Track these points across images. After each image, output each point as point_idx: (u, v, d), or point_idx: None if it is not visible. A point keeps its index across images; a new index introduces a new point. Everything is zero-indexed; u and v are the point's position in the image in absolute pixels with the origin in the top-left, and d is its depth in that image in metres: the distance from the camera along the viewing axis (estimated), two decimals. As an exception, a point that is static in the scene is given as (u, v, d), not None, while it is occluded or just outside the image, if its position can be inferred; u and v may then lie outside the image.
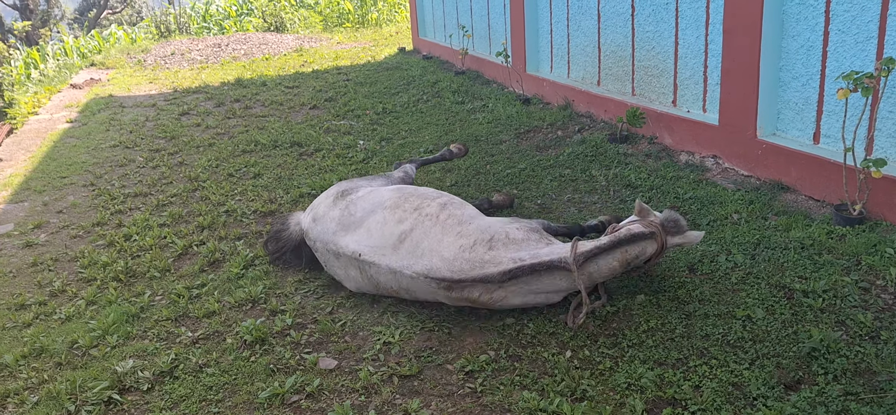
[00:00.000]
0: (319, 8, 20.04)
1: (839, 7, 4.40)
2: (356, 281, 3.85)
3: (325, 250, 3.98)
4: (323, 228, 4.02)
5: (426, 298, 3.66)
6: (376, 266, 3.67)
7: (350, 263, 3.81)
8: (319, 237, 4.02)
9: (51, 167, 7.08)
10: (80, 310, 4.03)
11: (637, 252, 3.47)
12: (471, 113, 7.86)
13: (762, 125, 5.00)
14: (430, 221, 3.66)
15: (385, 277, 3.66)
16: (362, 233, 3.81)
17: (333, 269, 3.97)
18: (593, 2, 7.09)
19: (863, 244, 3.87)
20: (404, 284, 3.61)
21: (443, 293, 3.52)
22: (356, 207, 3.97)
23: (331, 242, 3.92)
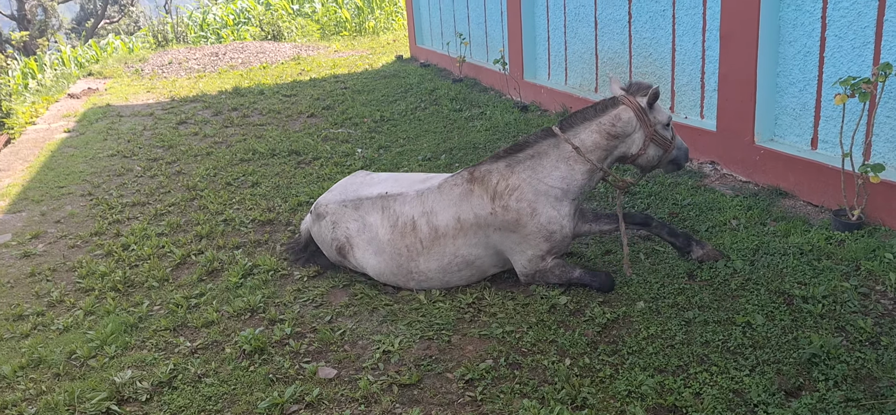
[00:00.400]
0: (317, 16, 20.08)
1: (835, 12, 4.41)
2: (371, 230, 4.02)
3: (338, 208, 4.15)
4: (340, 191, 4.28)
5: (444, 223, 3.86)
6: (403, 196, 3.99)
7: (373, 207, 4.05)
8: (334, 199, 4.22)
9: (48, 177, 7.06)
10: (78, 320, 4.01)
11: (611, 120, 3.72)
12: (468, 120, 7.86)
13: (760, 131, 5.01)
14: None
15: (411, 204, 3.94)
16: (389, 182, 4.20)
17: (345, 224, 4.10)
18: (590, 9, 7.10)
19: (862, 249, 3.87)
20: (429, 204, 3.90)
21: (466, 188, 3.85)
22: (378, 176, 4.40)
23: (350, 196, 4.16)
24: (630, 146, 3.78)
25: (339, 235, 4.13)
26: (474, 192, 3.82)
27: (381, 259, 4.01)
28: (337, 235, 4.14)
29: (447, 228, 3.85)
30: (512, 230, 3.77)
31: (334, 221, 4.16)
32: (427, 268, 3.91)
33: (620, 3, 6.59)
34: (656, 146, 3.80)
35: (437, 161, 6.45)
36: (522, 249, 3.81)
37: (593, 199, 5.20)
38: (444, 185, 3.93)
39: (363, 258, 4.08)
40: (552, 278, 3.84)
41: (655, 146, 3.79)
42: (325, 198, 4.32)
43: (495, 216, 3.77)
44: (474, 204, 3.81)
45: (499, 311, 3.70)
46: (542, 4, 8.02)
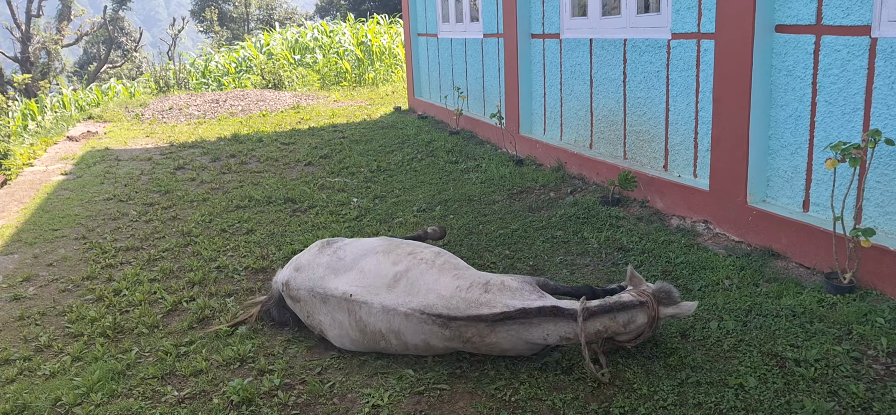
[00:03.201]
0: (317, 67, 20.37)
1: (826, 79, 4.50)
2: (342, 327, 3.82)
3: (309, 297, 3.95)
4: (309, 274, 4.02)
5: (414, 344, 3.66)
6: (368, 306, 3.71)
7: (339, 307, 3.81)
8: (303, 284, 4.00)
9: (43, 219, 7.06)
10: (65, 366, 3.97)
11: (625, 320, 3.47)
12: (464, 172, 7.92)
13: (752, 192, 5.06)
14: (426, 265, 3.80)
15: (376, 317, 3.68)
16: (354, 274, 3.88)
17: (318, 317, 3.93)
18: (586, 67, 7.23)
19: (853, 313, 3.87)
20: (396, 324, 3.63)
21: (437, 331, 3.57)
22: (345, 252, 4.10)
23: (318, 287, 3.92)
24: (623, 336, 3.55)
25: (313, 323, 4.01)
26: (447, 334, 3.58)
27: (359, 347, 3.89)
28: (312, 322, 4.02)
29: (416, 346, 3.70)
30: None
31: (307, 311, 4.01)
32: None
33: (616, 62, 6.72)
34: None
35: (432, 212, 6.48)
36: None
37: (586, 254, 5.21)
38: (412, 316, 3.60)
39: (340, 344, 3.92)
40: None
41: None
42: (296, 281, 4.06)
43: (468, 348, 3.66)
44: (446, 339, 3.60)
45: (490, 367, 3.68)
46: (539, 61, 8.17)
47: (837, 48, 4.42)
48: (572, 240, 5.53)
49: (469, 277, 3.68)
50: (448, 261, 3.87)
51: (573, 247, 5.38)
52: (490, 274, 3.76)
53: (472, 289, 3.59)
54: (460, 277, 3.69)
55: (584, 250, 5.29)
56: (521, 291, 3.59)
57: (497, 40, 9.24)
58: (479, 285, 3.60)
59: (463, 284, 3.63)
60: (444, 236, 5.50)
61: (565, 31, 7.56)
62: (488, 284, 3.61)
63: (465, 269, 3.82)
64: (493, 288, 3.58)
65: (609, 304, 3.48)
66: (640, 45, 6.32)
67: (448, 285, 3.64)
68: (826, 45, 4.49)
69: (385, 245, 4.06)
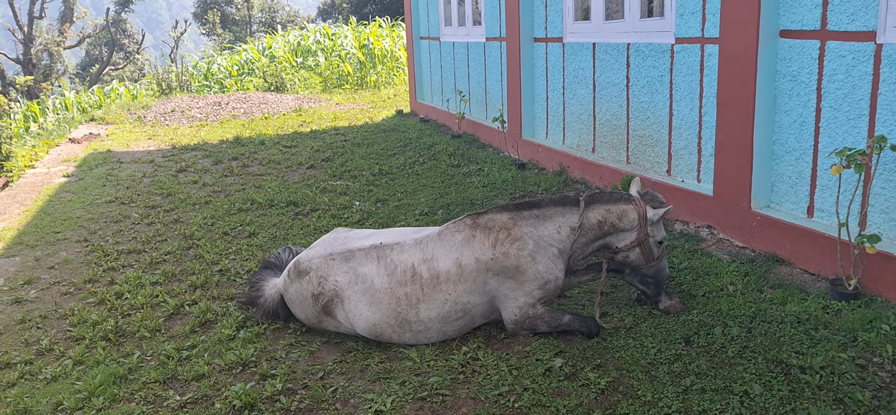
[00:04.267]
0: (320, 70, 20.37)
1: (831, 85, 4.49)
2: (365, 281, 3.98)
3: (324, 262, 4.08)
4: (324, 246, 4.21)
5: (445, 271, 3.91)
6: (401, 245, 4.02)
7: (366, 258, 4.02)
8: (318, 253, 4.14)
9: (45, 222, 7.05)
10: (66, 370, 3.95)
11: (619, 212, 3.96)
12: (466, 176, 7.91)
13: (756, 197, 5.04)
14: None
15: (409, 252, 3.98)
16: (381, 235, 4.19)
17: (334, 278, 4.03)
18: (589, 71, 7.22)
19: (859, 320, 3.85)
20: (429, 251, 3.96)
21: (467, 233, 3.96)
22: (357, 232, 4.38)
23: (339, 249, 4.11)
24: (620, 240, 4.04)
25: (326, 289, 4.03)
26: (476, 238, 3.95)
27: (377, 310, 3.94)
28: (324, 288, 4.03)
29: (448, 273, 3.91)
30: (510, 276, 3.92)
31: (321, 275, 4.06)
32: (427, 316, 3.91)
33: (619, 67, 6.71)
34: (641, 253, 4.03)
35: (433, 216, 6.46)
36: (516, 296, 3.94)
37: (590, 260, 5.19)
38: (444, 232, 4.02)
39: (355, 311, 3.96)
40: (541, 325, 3.96)
41: (639, 253, 4.03)
42: (307, 254, 4.22)
43: (496, 262, 3.90)
44: (476, 249, 3.92)
45: (493, 372, 3.66)
46: (542, 65, 8.16)
47: (842, 54, 4.40)
48: (575, 245, 5.50)
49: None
50: None
51: (576, 252, 5.35)
52: None
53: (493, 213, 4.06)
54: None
55: (587, 255, 5.27)
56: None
57: (499, 44, 9.24)
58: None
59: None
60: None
61: (568, 35, 7.55)
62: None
63: None
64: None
65: (605, 194, 4.01)
66: (644, 49, 6.31)
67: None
68: (831, 51, 4.48)
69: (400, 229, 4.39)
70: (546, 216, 3.97)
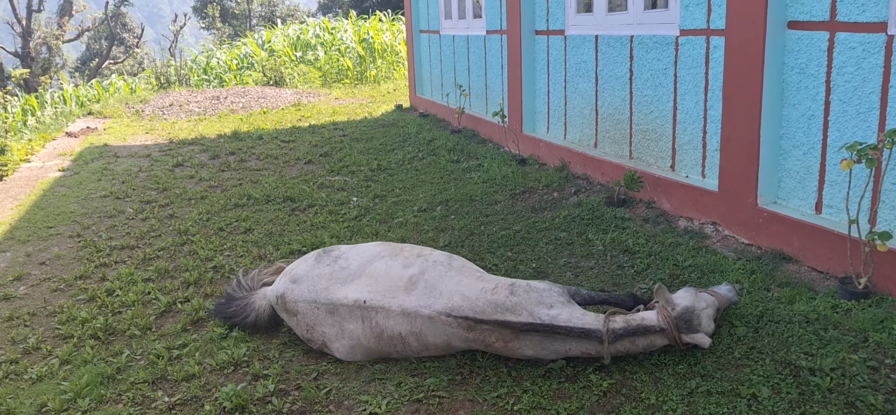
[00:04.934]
0: (319, 64, 20.23)
1: (840, 77, 4.36)
2: (352, 337, 3.66)
3: (311, 309, 3.75)
4: (309, 286, 3.79)
5: (434, 344, 3.60)
6: (386, 310, 3.59)
7: (350, 315, 3.65)
8: (303, 296, 3.78)
9: (38, 217, 6.93)
10: (53, 369, 3.84)
11: (646, 344, 3.49)
12: (466, 172, 7.78)
13: (763, 193, 4.92)
14: (442, 267, 3.73)
15: (395, 320, 3.58)
16: (364, 281, 3.73)
17: (321, 329, 3.75)
18: (591, 64, 7.09)
19: (869, 320, 3.73)
20: (418, 326, 3.56)
21: (461, 333, 3.51)
22: (348, 260, 3.89)
23: (322, 298, 3.72)
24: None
25: (315, 337, 3.79)
26: (470, 337, 3.53)
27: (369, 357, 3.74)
28: (313, 336, 3.79)
29: (437, 346, 3.63)
30: None
31: (309, 323, 3.78)
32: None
33: (622, 59, 6.58)
34: None
35: (432, 213, 6.34)
36: None
37: (591, 257, 5.08)
38: (436, 319, 3.52)
39: (346, 356, 3.74)
40: None
41: None
42: (294, 293, 3.82)
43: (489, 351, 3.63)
44: (469, 341, 3.56)
45: (491, 373, 3.55)
46: (543, 59, 8.03)
47: (852, 45, 4.28)
48: (576, 242, 5.39)
49: (492, 279, 3.66)
50: (465, 264, 3.83)
51: (577, 249, 5.24)
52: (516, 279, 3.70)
53: (498, 291, 3.55)
54: (484, 279, 3.66)
55: (588, 253, 5.16)
56: (549, 294, 3.55)
57: (500, 37, 9.10)
58: (505, 287, 3.56)
59: (488, 286, 3.59)
60: None
61: (570, 27, 7.42)
62: (514, 287, 3.56)
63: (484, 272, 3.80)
64: (519, 291, 3.54)
65: (632, 327, 3.45)
66: (647, 41, 6.18)
67: (472, 287, 3.59)
68: (840, 43, 4.35)
69: (389, 249, 3.92)
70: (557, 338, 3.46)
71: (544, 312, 3.46)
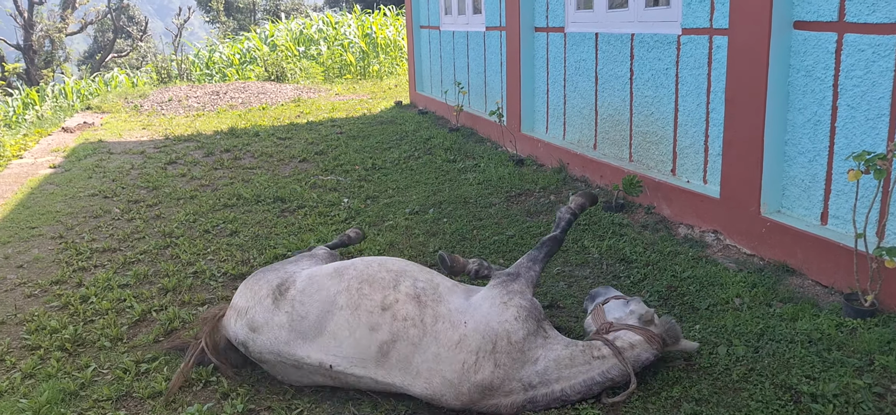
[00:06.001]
0: (321, 59, 20.03)
1: (848, 81, 4.13)
2: (324, 386, 3.42)
3: (277, 361, 3.37)
4: (269, 337, 3.35)
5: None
6: (357, 377, 3.21)
7: (317, 373, 3.30)
8: (267, 348, 3.35)
9: (22, 216, 6.77)
10: (14, 384, 3.65)
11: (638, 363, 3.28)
12: (461, 173, 7.57)
13: (766, 201, 4.69)
14: (414, 328, 3.18)
15: (368, 384, 3.23)
16: (327, 340, 3.26)
17: (292, 378, 3.43)
18: (591, 63, 6.86)
19: (876, 341, 3.51)
20: (400, 392, 3.22)
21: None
22: (305, 306, 3.36)
23: (286, 354, 3.31)
24: None
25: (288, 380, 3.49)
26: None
27: None
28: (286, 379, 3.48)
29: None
30: None
31: (278, 372, 3.47)
32: None
33: (622, 59, 6.35)
34: None
35: (424, 215, 6.14)
36: None
37: (586, 265, 4.86)
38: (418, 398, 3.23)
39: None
40: None
41: None
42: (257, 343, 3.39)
43: None
44: None
45: (474, 394, 3.34)
46: (542, 56, 7.80)
47: (861, 48, 4.04)
48: (571, 249, 5.18)
49: (471, 343, 3.13)
50: (436, 313, 3.23)
51: (572, 257, 5.03)
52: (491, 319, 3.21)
53: (481, 365, 3.08)
54: (462, 346, 3.12)
55: (583, 261, 4.95)
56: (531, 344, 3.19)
57: (499, 33, 8.88)
58: (486, 356, 3.10)
59: (469, 359, 3.09)
60: (363, 239, 5.28)
61: (570, 24, 7.19)
62: (496, 351, 3.11)
63: (459, 318, 3.22)
64: (501, 355, 3.11)
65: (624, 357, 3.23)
66: (649, 40, 5.95)
67: (451, 363, 3.09)
68: (849, 45, 4.12)
69: (346, 296, 3.31)
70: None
71: (531, 372, 3.12)
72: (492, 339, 3.13)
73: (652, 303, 4.21)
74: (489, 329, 3.16)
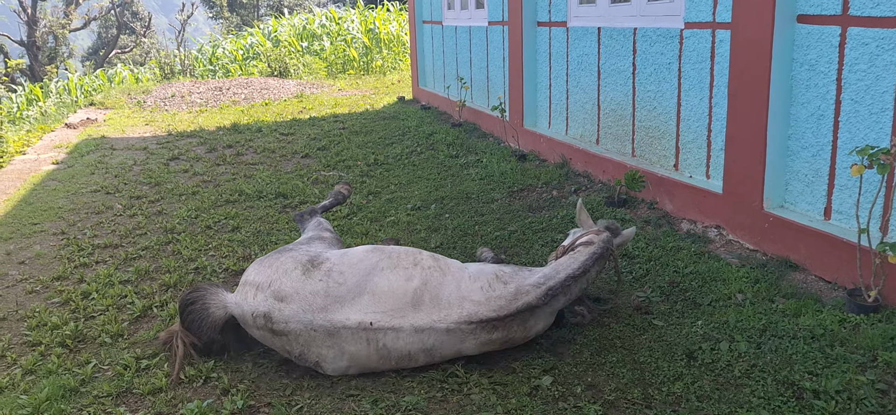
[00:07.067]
0: (325, 55, 20.01)
1: (852, 75, 4.09)
2: (353, 359, 3.43)
3: (306, 331, 3.41)
4: (302, 305, 3.42)
5: (442, 355, 3.51)
6: (396, 330, 3.41)
7: (353, 338, 3.39)
8: (297, 317, 3.41)
9: (24, 212, 6.78)
10: (14, 380, 3.66)
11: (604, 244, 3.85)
12: (464, 168, 7.55)
13: (769, 196, 4.66)
14: (437, 272, 3.60)
15: (405, 340, 3.43)
16: (367, 300, 3.45)
17: (318, 350, 3.44)
18: (593, 57, 6.83)
19: (879, 337, 3.49)
20: (430, 342, 3.45)
21: (482, 337, 3.48)
22: (343, 275, 3.51)
23: (320, 319, 3.39)
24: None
25: (308, 358, 3.49)
26: (493, 338, 3.51)
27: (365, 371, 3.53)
28: (305, 355, 3.48)
29: (444, 356, 3.52)
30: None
31: (303, 344, 3.44)
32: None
33: (625, 53, 6.32)
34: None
35: (426, 211, 6.13)
36: None
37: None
38: (454, 330, 3.44)
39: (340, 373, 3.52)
40: None
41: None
42: (284, 313, 3.44)
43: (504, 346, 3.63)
44: (488, 343, 3.53)
45: (475, 390, 3.34)
46: (545, 51, 7.77)
47: (865, 41, 4.01)
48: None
49: (480, 275, 3.64)
50: (447, 263, 3.72)
51: (574, 252, 5.00)
52: (482, 265, 3.80)
53: (494, 285, 3.57)
54: (474, 277, 3.62)
55: (585, 256, 4.92)
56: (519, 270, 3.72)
57: (502, 28, 8.85)
58: (495, 279, 3.60)
59: (484, 283, 3.58)
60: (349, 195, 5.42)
61: (572, 18, 7.16)
62: (498, 276, 3.62)
63: (463, 267, 3.74)
64: (505, 276, 3.62)
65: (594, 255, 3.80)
66: (651, 34, 5.92)
67: (474, 290, 3.54)
68: (853, 38, 4.08)
69: (385, 259, 3.60)
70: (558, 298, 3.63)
71: (535, 278, 3.60)
72: (492, 271, 3.66)
73: (654, 299, 4.19)
74: (487, 269, 3.71)
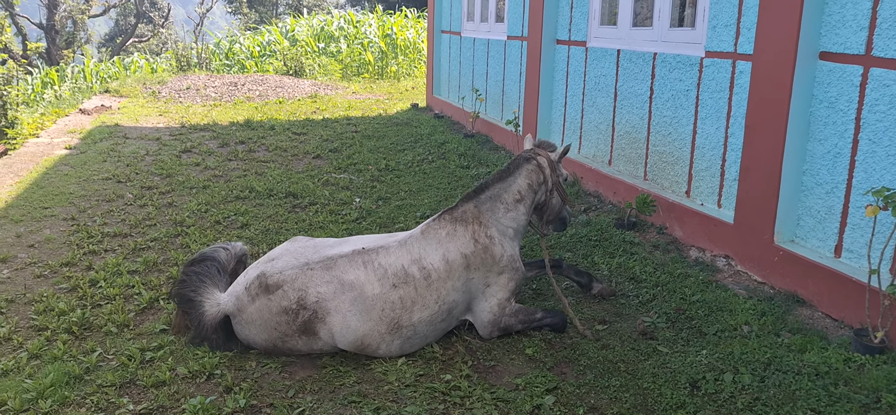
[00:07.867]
0: (341, 57, 20.08)
1: (871, 115, 4.09)
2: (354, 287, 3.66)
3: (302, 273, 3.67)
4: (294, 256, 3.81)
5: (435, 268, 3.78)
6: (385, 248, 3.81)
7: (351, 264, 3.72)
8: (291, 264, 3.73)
9: (35, 196, 6.81)
10: (20, 364, 3.67)
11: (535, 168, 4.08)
12: (474, 179, 7.56)
13: (780, 230, 4.65)
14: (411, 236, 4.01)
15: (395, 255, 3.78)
16: (354, 242, 3.95)
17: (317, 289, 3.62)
18: (611, 79, 6.84)
19: (883, 379, 3.47)
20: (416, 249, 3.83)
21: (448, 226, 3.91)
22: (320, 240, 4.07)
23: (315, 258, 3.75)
24: (543, 194, 4.13)
25: (307, 304, 3.59)
26: (458, 232, 3.89)
27: (367, 320, 3.61)
28: (305, 303, 3.59)
29: (438, 271, 3.78)
30: (488, 269, 3.90)
31: (299, 288, 3.61)
32: (419, 319, 3.71)
33: (643, 77, 6.32)
34: (558, 196, 4.19)
35: (436, 222, 6.13)
36: (493, 292, 3.93)
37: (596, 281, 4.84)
38: (427, 230, 3.91)
39: (342, 324, 3.58)
40: (516, 323, 3.98)
41: (557, 196, 4.19)
42: (277, 265, 3.71)
43: (476, 255, 3.86)
44: (459, 244, 3.87)
45: (477, 405, 3.33)
46: (562, 69, 7.78)
47: (887, 83, 4.00)
48: (581, 264, 5.15)
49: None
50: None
51: (581, 273, 5.00)
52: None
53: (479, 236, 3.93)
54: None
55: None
56: None
57: (521, 43, 8.87)
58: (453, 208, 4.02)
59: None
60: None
61: (592, 39, 7.17)
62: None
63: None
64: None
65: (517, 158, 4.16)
66: (671, 60, 5.92)
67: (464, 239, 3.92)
68: (874, 79, 4.08)
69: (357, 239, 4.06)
70: (496, 197, 4.01)
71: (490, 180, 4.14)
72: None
73: (660, 324, 4.18)
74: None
